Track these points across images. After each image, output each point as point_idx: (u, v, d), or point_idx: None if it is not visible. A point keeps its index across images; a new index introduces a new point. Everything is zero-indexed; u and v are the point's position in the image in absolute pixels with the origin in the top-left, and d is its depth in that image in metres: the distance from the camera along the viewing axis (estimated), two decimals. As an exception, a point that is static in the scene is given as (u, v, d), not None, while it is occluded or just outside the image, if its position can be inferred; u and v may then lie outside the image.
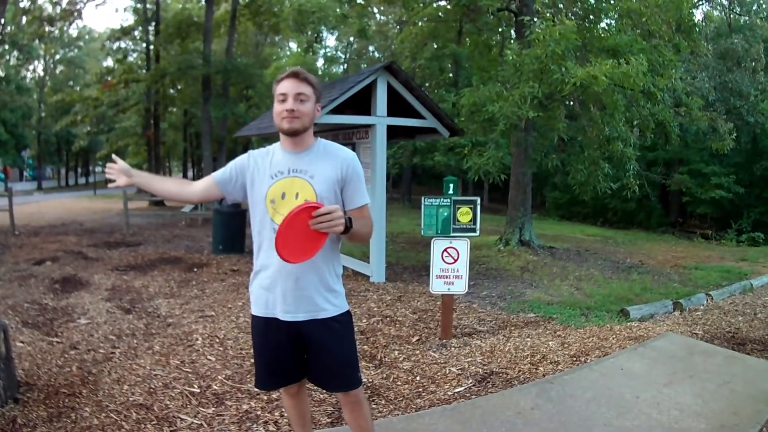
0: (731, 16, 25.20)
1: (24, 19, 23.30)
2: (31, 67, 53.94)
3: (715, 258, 15.31)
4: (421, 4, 20.42)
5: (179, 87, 32.31)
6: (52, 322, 6.92)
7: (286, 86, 2.80)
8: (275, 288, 2.84)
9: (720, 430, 3.93)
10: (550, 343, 6.10)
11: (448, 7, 19.68)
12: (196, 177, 50.75)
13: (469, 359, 5.54)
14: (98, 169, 65.06)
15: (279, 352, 2.94)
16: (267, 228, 2.83)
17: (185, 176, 57.44)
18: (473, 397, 4.60)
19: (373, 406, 4.45)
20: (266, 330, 2.92)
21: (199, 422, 4.14)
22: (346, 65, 46.03)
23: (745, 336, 6.69)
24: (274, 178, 2.84)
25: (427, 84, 33.52)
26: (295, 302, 2.84)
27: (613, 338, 6.15)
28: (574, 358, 5.49)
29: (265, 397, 4.56)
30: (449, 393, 4.70)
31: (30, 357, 5.51)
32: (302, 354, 2.96)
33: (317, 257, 2.73)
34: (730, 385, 4.69)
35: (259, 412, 4.30)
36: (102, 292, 8.60)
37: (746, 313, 8.06)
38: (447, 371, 5.20)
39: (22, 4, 22.74)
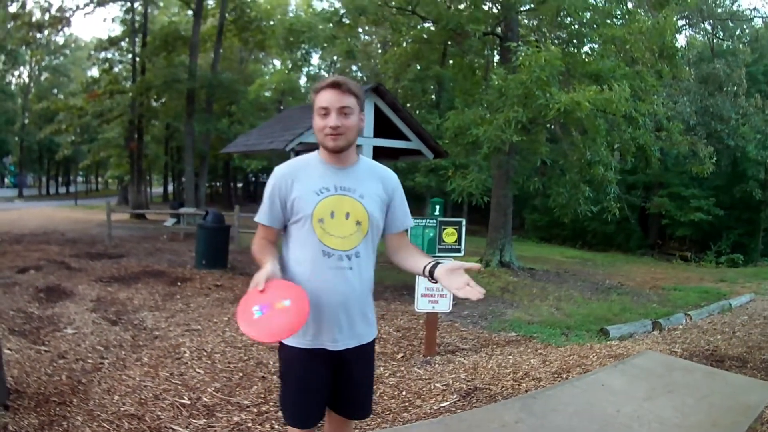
0: (714, 41, 25.68)
1: (12, 24, 23.23)
2: (16, 73, 53.78)
3: (695, 279, 15.53)
4: (409, 27, 20.55)
5: (163, 100, 32.28)
6: (38, 330, 6.90)
7: (327, 98, 2.51)
8: (321, 317, 2.56)
9: (699, 442, 4.06)
10: (531, 360, 6.21)
11: (433, 29, 19.79)
12: (177, 191, 50.59)
13: (453, 375, 5.62)
14: (79, 179, 64.70)
15: (322, 384, 2.65)
16: (312, 250, 2.54)
17: (165, 190, 57.39)
18: (458, 411, 4.69)
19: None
20: (312, 362, 2.60)
21: (191, 433, 4.20)
22: (329, 84, 46.26)
23: (723, 353, 6.82)
24: (320, 195, 2.53)
25: (409, 105, 33.69)
26: (343, 331, 2.61)
27: (594, 356, 6.27)
28: (556, 375, 5.60)
29: (255, 410, 4.62)
30: (435, 407, 4.78)
31: (18, 365, 5.50)
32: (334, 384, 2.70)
33: (364, 283, 2.63)
34: (708, 399, 4.82)
35: (249, 425, 4.36)
36: (87, 302, 8.58)
37: (725, 332, 8.22)
38: (432, 387, 5.29)
39: (11, 9, 22.74)
